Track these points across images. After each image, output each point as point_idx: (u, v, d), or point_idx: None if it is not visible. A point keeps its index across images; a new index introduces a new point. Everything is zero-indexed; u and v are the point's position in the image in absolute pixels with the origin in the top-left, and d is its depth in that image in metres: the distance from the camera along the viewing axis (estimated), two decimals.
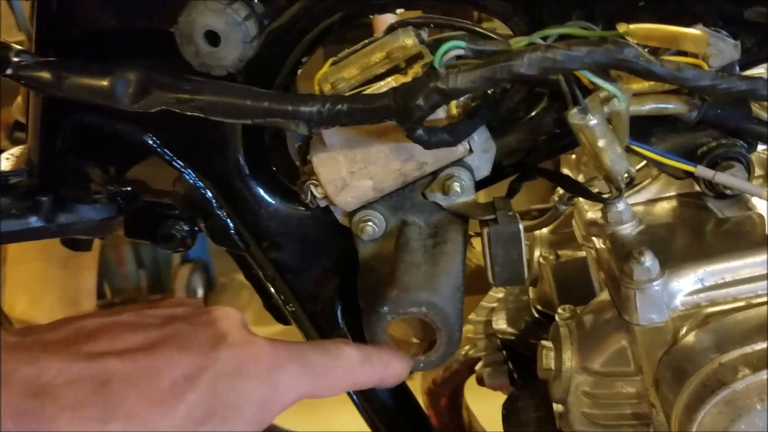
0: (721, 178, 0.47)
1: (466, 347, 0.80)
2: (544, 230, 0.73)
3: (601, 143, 0.45)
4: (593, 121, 0.44)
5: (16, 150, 0.62)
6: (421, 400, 0.92)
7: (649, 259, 0.43)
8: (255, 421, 0.38)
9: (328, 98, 0.46)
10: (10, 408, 0.32)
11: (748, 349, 0.41)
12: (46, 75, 0.47)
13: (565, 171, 0.66)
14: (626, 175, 0.46)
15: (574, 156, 0.66)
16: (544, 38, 0.46)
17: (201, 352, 0.37)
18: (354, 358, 0.44)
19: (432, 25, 0.54)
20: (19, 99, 0.67)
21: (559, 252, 0.72)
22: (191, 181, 0.57)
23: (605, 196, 0.49)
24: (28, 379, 0.33)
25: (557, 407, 0.53)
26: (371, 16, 0.57)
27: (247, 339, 0.39)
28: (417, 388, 0.94)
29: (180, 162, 0.56)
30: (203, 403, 0.36)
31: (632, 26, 0.44)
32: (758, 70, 0.59)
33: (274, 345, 0.40)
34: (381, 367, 0.47)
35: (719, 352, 0.41)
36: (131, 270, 2.92)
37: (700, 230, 0.49)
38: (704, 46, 0.42)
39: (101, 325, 0.38)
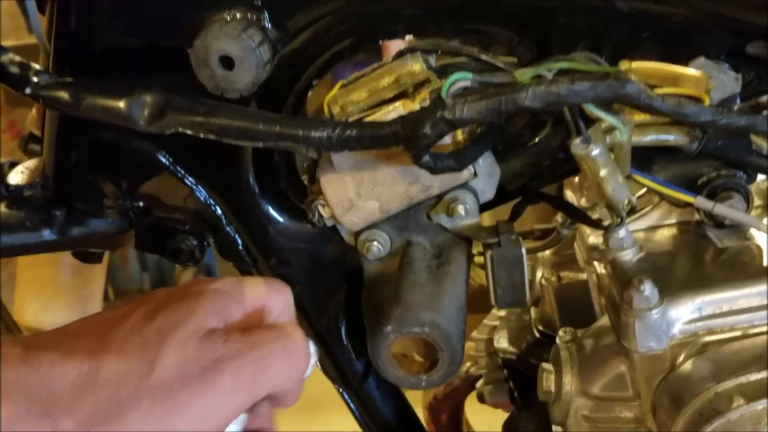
0: (719, 209, 0.48)
1: (468, 364, 0.81)
2: (547, 251, 0.74)
3: (603, 173, 0.46)
4: (596, 151, 0.46)
5: (31, 163, 0.63)
6: (422, 415, 0.93)
7: (648, 288, 0.44)
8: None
9: (338, 124, 0.47)
10: None
11: (743, 379, 0.42)
12: (64, 95, 0.48)
13: (568, 193, 0.67)
14: (627, 203, 0.47)
15: (577, 179, 0.67)
16: (550, 70, 0.47)
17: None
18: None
19: (440, 52, 0.56)
20: (34, 112, 0.68)
21: (561, 273, 0.73)
22: (202, 198, 0.58)
23: (606, 223, 0.50)
24: None
25: (557, 429, 0.54)
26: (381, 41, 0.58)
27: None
28: (418, 402, 0.95)
29: (191, 179, 0.57)
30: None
31: (635, 64, 0.45)
32: None
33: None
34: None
35: (715, 381, 0.42)
36: (135, 272, 2.93)
37: (699, 259, 0.50)
38: (704, 87, 0.43)
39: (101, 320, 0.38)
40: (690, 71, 0.44)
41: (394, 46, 0.60)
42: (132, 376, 0.35)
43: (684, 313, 0.45)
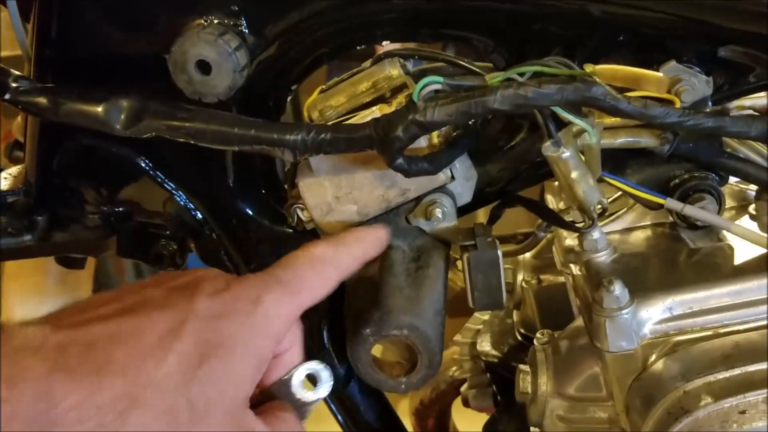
0: (689, 210, 0.48)
1: (453, 368, 0.81)
2: (527, 255, 0.75)
3: (574, 175, 0.46)
4: (566, 154, 0.46)
5: (14, 170, 0.63)
6: (409, 421, 0.93)
7: (618, 288, 0.45)
8: (251, 350, 0.39)
9: (312, 127, 0.47)
10: (4, 376, 0.32)
11: (711, 378, 0.42)
12: (42, 100, 0.49)
13: (548, 197, 0.67)
14: (599, 206, 0.47)
15: (557, 183, 0.68)
16: (522, 74, 0.48)
17: (180, 307, 0.38)
18: (326, 259, 0.45)
19: (417, 57, 0.57)
20: (19, 119, 0.69)
21: (542, 277, 0.73)
22: (182, 203, 0.59)
23: (579, 225, 0.50)
24: (19, 348, 0.34)
25: (534, 430, 0.54)
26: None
27: (220, 286, 0.40)
28: (405, 408, 0.95)
29: (171, 184, 0.58)
30: (192, 349, 0.37)
31: (598, 67, 0.46)
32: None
33: (247, 282, 0.41)
34: (358, 249, 0.48)
35: (684, 380, 0.42)
36: (130, 279, 2.93)
37: (672, 260, 0.50)
38: (665, 87, 0.43)
39: (80, 303, 0.39)
40: (651, 72, 0.45)
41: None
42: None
43: (655, 314, 0.46)
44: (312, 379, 0.44)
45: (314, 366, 0.43)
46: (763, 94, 0.68)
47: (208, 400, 0.36)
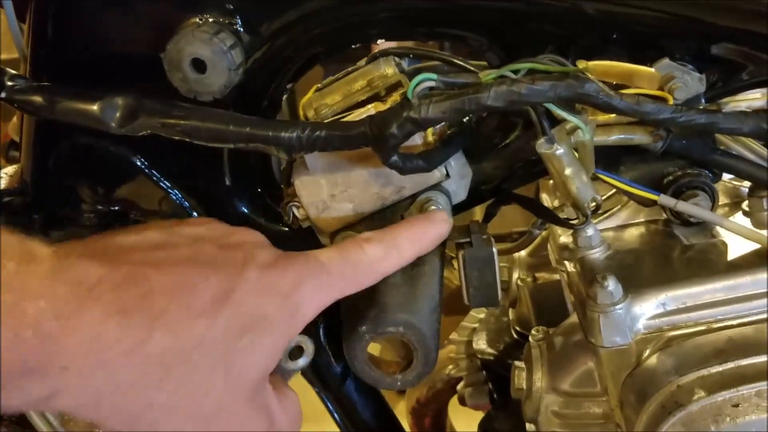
0: (682, 206, 0.49)
1: (450, 367, 0.81)
2: (523, 253, 0.75)
3: (567, 172, 0.47)
4: (560, 151, 0.46)
5: (11, 169, 0.64)
6: (406, 420, 0.93)
7: (612, 284, 0.45)
8: (284, 332, 0.40)
9: (307, 125, 0.48)
10: (53, 309, 0.32)
11: (704, 372, 0.42)
12: (38, 99, 0.49)
13: (543, 195, 0.67)
14: (592, 202, 0.48)
15: (551, 181, 0.68)
16: (516, 71, 0.48)
17: (232, 271, 0.38)
18: (375, 257, 0.45)
19: (411, 55, 0.57)
20: (15, 119, 0.69)
21: (537, 274, 0.73)
22: (177, 201, 0.59)
23: (573, 222, 0.51)
24: (72, 282, 0.33)
25: (529, 427, 0.54)
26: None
27: (269, 259, 0.41)
28: (403, 409, 0.95)
29: (167, 182, 0.58)
30: (237, 318, 0.37)
31: (591, 63, 0.46)
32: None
33: (295, 262, 0.42)
34: (411, 252, 0.47)
35: (678, 375, 0.43)
36: None
37: (666, 256, 0.51)
38: (656, 83, 0.44)
39: (135, 242, 0.39)
40: (642, 68, 0.45)
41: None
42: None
43: (648, 309, 0.46)
44: (298, 350, 0.45)
45: (300, 338, 0.44)
46: (759, 93, 0.68)
47: (241, 372, 0.37)
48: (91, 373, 0.33)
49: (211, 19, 0.50)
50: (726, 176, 0.56)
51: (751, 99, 0.67)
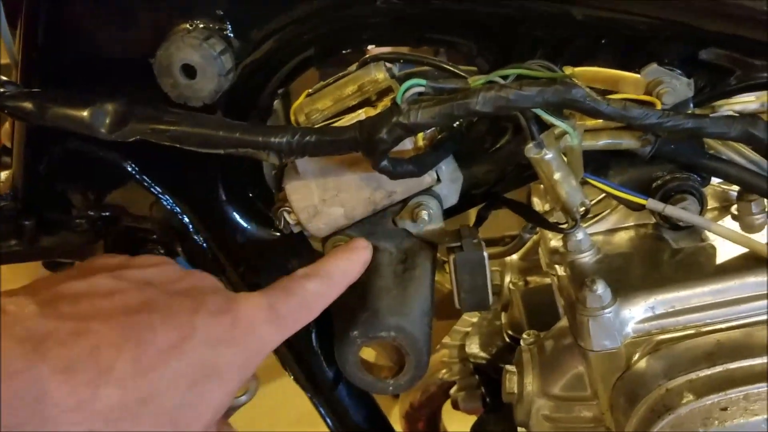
0: (670, 210, 0.49)
1: (442, 371, 0.81)
2: (514, 257, 0.75)
3: (556, 176, 0.47)
4: (549, 155, 0.47)
5: (2, 175, 0.63)
6: (399, 424, 0.93)
7: (601, 288, 0.45)
8: (235, 380, 0.40)
9: (297, 130, 0.48)
10: (5, 366, 0.32)
11: (693, 376, 0.42)
12: (28, 105, 0.49)
13: (535, 199, 0.68)
14: (581, 206, 0.48)
15: (543, 186, 0.69)
16: (505, 77, 0.48)
17: (181, 321, 0.38)
18: (315, 292, 0.46)
19: (402, 60, 0.57)
20: (7, 125, 0.69)
21: (529, 278, 0.73)
22: (169, 207, 0.59)
23: (563, 226, 0.51)
24: (19, 338, 0.33)
25: (521, 430, 0.54)
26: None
27: (222, 306, 0.41)
28: (397, 414, 0.95)
29: (158, 188, 0.58)
30: (186, 370, 0.37)
31: (578, 69, 0.46)
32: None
33: (247, 307, 0.42)
34: (345, 280, 0.49)
35: (667, 378, 0.43)
36: None
37: (655, 260, 0.51)
38: (643, 89, 0.44)
39: (82, 290, 0.38)
40: (628, 73, 0.46)
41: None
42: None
43: (637, 313, 0.46)
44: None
45: None
46: (753, 96, 0.69)
47: (188, 424, 0.37)
48: (37, 430, 0.33)
49: (201, 25, 0.50)
50: (715, 180, 0.56)
51: (744, 102, 0.67)
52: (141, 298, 0.39)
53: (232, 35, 0.51)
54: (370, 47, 0.59)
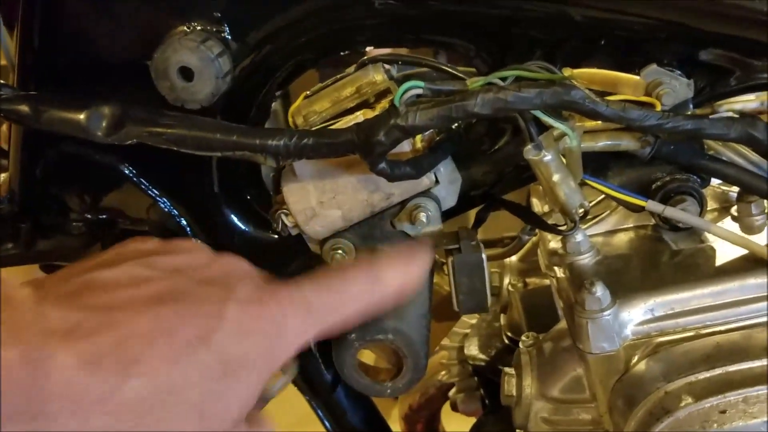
0: (669, 212, 0.49)
1: (441, 373, 0.81)
2: (513, 258, 0.75)
3: (555, 178, 0.47)
4: (548, 157, 0.46)
5: None
6: (398, 426, 0.93)
7: (600, 290, 0.45)
8: (264, 372, 0.39)
9: (294, 132, 0.48)
10: (26, 358, 0.32)
11: (692, 378, 0.42)
12: (24, 108, 0.49)
13: (534, 200, 0.68)
14: (580, 208, 0.48)
15: (542, 187, 0.68)
16: (504, 78, 0.48)
17: (209, 311, 0.37)
18: (359, 290, 0.43)
19: (400, 62, 0.57)
20: (4, 128, 0.69)
21: (528, 280, 0.73)
22: (166, 209, 0.59)
23: (561, 228, 0.51)
24: (46, 331, 0.33)
25: None
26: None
27: (251, 295, 0.40)
28: (397, 416, 0.95)
29: (155, 190, 0.58)
30: (215, 362, 0.36)
31: (576, 71, 0.46)
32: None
33: (278, 296, 0.40)
34: (396, 292, 0.44)
35: (665, 381, 0.43)
36: None
37: (654, 262, 0.51)
38: (642, 90, 0.44)
39: (111, 279, 0.38)
40: (627, 75, 0.45)
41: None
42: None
43: (636, 315, 0.46)
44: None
45: None
46: (753, 95, 0.68)
47: (216, 416, 0.37)
48: (64, 421, 0.33)
49: (198, 27, 0.50)
50: (715, 181, 0.56)
51: (745, 101, 0.67)
52: (170, 286, 0.38)
53: (229, 37, 0.51)
54: (368, 49, 0.59)
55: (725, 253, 0.51)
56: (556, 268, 0.55)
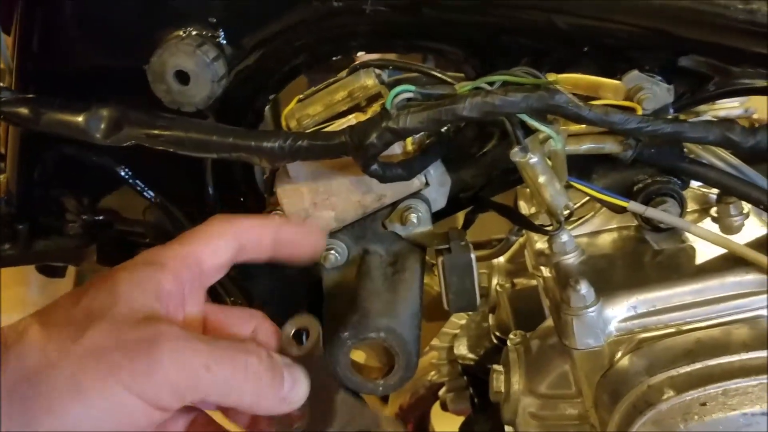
0: (651, 213, 0.50)
1: (431, 373, 0.82)
2: (501, 259, 0.77)
3: (541, 179, 0.48)
4: (533, 159, 0.48)
5: None
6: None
7: (584, 287, 0.47)
8: None
9: (289, 135, 0.49)
10: None
11: (673, 372, 0.44)
12: (23, 110, 0.50)
13: (521, 203, 0.69)
14: (566, 209, 0.49)
15: (528, 189, 0.70)
16: (491, 83, 0.49)
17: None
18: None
19: (391, 67, 0.58)
20: (1, 130, 0.70)
21: (515, 280, 0.75)
22: (162, 211, 0.60)
23: (547, 228, 0.52)
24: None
25: (508, 429, 0.56)
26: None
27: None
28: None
29: (151, 192, 0.59)
30: None
31: (561, 76, 0.47)
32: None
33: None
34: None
35: (648, 375, 0.44)
36: None
37: (637, 261, 0.52)
38: (622, 95, 0.46)
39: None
40: (608, 80, 0.47)
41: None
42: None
43: (620, 312, 0.47)
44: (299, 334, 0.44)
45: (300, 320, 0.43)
46: (737, 102, 0.70)
47: None
48: None
49: (194, 32, 0.51)
50: (695, 183, 0.57)
51: (729, 108, 0.69)
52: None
53: (224, 42, 0.52)
54: (359, 54, 0.60)
55: (705, 252, 0.53)
56: (542, 267, 0.57)
